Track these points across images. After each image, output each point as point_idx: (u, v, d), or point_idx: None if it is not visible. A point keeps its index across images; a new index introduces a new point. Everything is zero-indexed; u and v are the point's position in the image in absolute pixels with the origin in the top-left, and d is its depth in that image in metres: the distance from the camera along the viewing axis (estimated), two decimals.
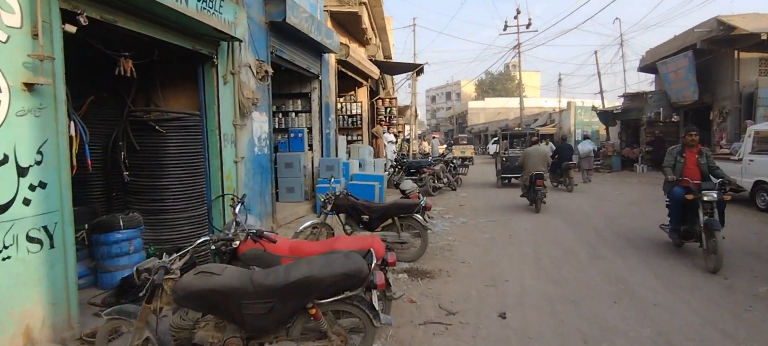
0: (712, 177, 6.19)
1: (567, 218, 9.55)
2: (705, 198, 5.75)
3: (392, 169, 14.77)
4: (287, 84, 10.20)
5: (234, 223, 3.99)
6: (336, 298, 3.00)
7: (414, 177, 14.80)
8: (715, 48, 17.00)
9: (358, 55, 12.16)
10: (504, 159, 16.10)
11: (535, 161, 10.87)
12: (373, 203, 6.43)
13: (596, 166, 21.37)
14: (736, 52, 16.91)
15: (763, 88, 16.72)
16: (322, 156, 10.03)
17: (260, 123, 7.08)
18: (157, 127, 5.42)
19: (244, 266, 3.78)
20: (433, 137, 37.57)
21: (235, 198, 6.38)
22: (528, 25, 32.95)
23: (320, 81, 9.86)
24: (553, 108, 37.05)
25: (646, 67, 22.28)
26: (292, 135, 9.66)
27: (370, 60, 14.40)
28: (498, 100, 56.55)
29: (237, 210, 4.13)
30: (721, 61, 17.43)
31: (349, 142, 14.07)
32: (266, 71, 7.00)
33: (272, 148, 7.53)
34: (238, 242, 3.83)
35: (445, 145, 32.79)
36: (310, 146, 10.01)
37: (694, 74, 17.64)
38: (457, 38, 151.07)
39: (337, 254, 3.19)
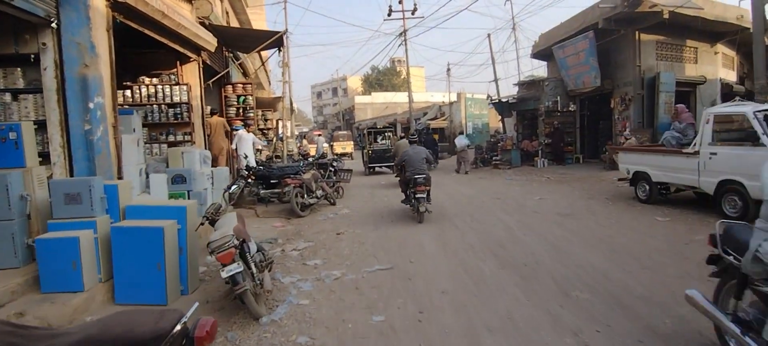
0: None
1: (484, 237, 6.19)
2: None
3: (243, 182, 10.39)
4: None
5: None
6: None
7: (275, 190, 10.63)
8: (617, 28, 15.35)
9: (168, 6, 7.58)
10: (370, 152, 19.07)
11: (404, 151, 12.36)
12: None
13: (495, 163, 19.18)
14: (637, 33, 15.43)
15: (664, 72, 15.48)
16: (71, 174, 5.38)
17: None
18: None
19: None
20: (318, 135, 33.48)
21: None
22: (413, 11, 30.35)
23: (58, 33, 5.19)
24: (442, 101, 35.16)
25: (540, 53, 20.60)
26: None
27: (202, 24, 9.85)
28: (385, 94, 54.25)
29: None
30: (622, 43, 15.90)
31: (170, 144, 9.38)
32: None
33: None
34: None
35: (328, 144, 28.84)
36: (44, 157, 5.30)
37: (596, 58, 15.92)
38: (328, 17, 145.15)
39: None
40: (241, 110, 12.82)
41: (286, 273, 5.67)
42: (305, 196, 9.94)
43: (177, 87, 9.29)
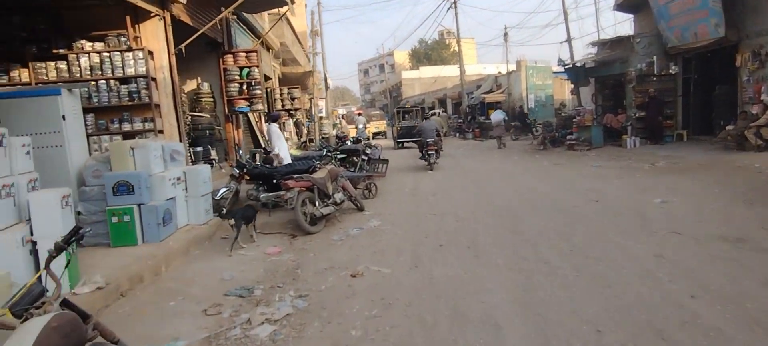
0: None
1: (612, 300, 3.01)
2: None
3: (234, 185, 7.63)
4: None
5: None
6: None
7: (280, 193, 7.75)
8: None
9: None
10: (399, 128, 21.74)
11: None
12: None
13: (570, 143, 15.47)
14: None
15: None
16: None
17: None
18: None
19: None
20: (358, 114, 30.63)
21: None
22: None
23: None
24: (497, 72, 31.11)
25: (628, 2, 16.35)
26: None
27: None
28: (433, 68, 50.40)
29: None
30: None
31: (126, 135, 6.72)
32: None
33: None
34: None
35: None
36: None
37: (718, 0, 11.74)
38: None
39: None
40: (245, 87, 10.03)
41: None
42: (317, 203, 7.01)
43: (130, 54, 6.56)
